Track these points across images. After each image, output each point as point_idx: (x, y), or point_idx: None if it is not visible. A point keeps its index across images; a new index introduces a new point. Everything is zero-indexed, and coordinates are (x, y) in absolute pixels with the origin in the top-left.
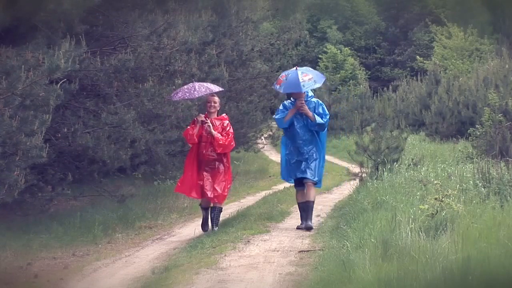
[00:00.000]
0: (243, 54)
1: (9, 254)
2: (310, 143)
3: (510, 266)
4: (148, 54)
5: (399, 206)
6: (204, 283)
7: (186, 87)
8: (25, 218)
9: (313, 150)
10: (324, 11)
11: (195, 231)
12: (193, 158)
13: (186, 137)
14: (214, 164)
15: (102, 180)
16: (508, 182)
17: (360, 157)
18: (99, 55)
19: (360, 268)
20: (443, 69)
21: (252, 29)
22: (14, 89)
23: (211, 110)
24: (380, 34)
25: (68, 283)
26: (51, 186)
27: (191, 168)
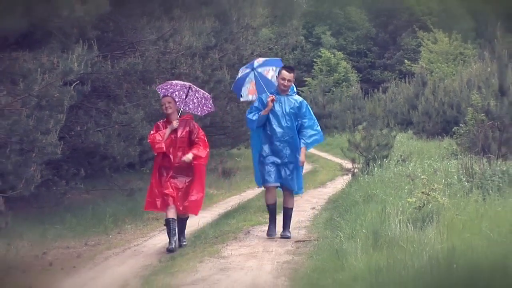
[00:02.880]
0: (244, 58)
1: (25, 243)
2: (289, 144)
3: (492, 255)
4: (155, 58)
5: (389, 199)
6: (207, 271)
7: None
8: (41, 210)
9: (292, 153)
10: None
11: (199, 222)
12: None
13: (153, 145)
14: (185, 172)
15: (112, 175)
16: (490, 177)
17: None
18: (109, 59)
19: (352, 257)
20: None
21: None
22: (31, 90)
23: (169, 111)
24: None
25: (81, 271)
26: (65, 181)
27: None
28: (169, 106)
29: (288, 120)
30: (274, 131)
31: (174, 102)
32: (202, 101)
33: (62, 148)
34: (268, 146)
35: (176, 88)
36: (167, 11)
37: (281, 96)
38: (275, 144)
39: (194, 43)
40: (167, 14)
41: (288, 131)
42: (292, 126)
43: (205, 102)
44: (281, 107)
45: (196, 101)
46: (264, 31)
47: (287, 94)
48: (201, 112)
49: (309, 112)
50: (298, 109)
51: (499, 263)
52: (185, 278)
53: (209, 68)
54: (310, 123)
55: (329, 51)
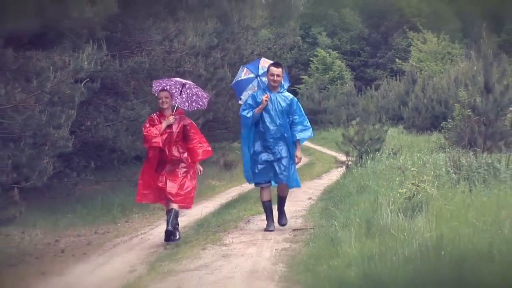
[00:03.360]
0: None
1: (39, 232)
2: (282, 140)
3: (478, 243)
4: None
5: (381, 190)
6: (210, 257)
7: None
8: (53, 200)
9: (284, 149)
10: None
11: (202, 212)
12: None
13: (149, 139)
14: (177, 165)
15: (120, 167)
16: (476, 169)
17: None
18: (118, 57)
19: (346, 244)
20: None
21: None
22: (44, 87)
23: (164, 106)
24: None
25: (91, 257)
26: (76, 173)
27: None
28: (165, 101)
29: (280, 117)
30: (267, 128)
31: (170, 97)
32: (193, 97)
33: (73, 141)
34: (260, 143)
35: (170, 83)
36: (172, 12)
37: (273, 94)
38: (268, 141)
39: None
40: (172, 16)
41: (280, 128)
42: (285, 123)
43: (196, 99)
44: (273, 105)
45: (185, 96)
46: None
47: (279, 92)
48: (188, 107)
49: (299, 108)
50: (289, 106)
51: (484, 250)
52: (189, 264)
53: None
54: (300, 119)
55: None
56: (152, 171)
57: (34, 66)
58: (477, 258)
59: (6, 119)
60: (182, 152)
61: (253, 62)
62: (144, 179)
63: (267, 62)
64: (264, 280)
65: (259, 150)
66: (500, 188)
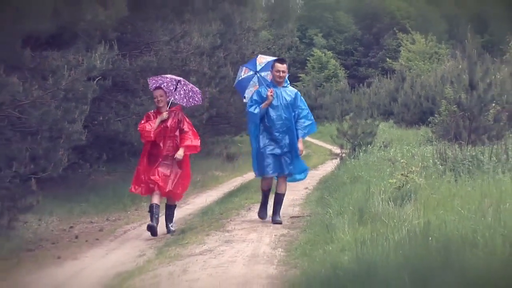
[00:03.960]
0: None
1: (55, 219)
2: (288, 134)
3: (463, 229)
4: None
5: (372, 180)
6: (214, 243)
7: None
8: (68, 190)
9: (290, 143)
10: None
11: (206, 200)
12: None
13: (143, 133)
14: (172, 160)
15: (131, 159)
16: (461, 160)
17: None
18: (128, 57)
19: (340, 231)
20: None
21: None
22: (59, 85)
23: (160, 104)
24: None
25: (103, 242)
26: (89, 164)
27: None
28: (160, 99)
29: (285, 111)
30: (273, 122)
31: (165, 95)
32: (190, 93)
33: (87, 135)
34: (267, 137)
35: (166, 80)
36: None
37: (277, 88)
38: (275, 135)
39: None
40: (178, 18)
41: (286, 122)
42: (290, 117)
43: (193, 95)
44: (278, 99)
45: (183, 93)
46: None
47: (283, 86)
48: (186, 104)
49: (303, 102)
50: (294, 99)
51: (469, 236)
52: (194, 249)
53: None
54: (304, 113)
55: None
56: (144, 164)
57: (50, 65)
58: (461, 243)
59: (24, 114)
60: (177, 147)
61: (251, 61)
62: (138, 173)
63: (264, 58)
64: (263, 264)
65: (266, 144)
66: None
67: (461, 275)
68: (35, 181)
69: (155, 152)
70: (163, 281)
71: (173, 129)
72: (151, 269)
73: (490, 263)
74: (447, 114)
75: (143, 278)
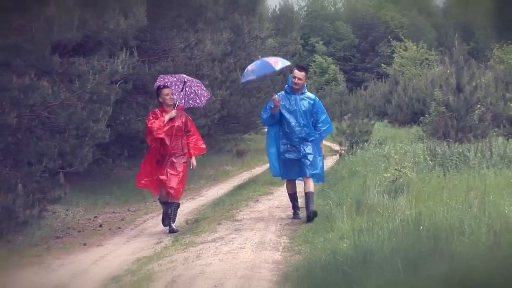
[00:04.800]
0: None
1: (81, 209)
2: (306, 139)
3: (451, 219)
4: (183, 62)
5: (368, 174)
6: (224, 231)
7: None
8: (92, 183)
9: (309, 147)
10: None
11: (217, 193)
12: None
13: (153, 131)
14: (178, 158)
15: None
16: (449, 157)
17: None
18: (147, 63)
19: (339, 220)
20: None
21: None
22: (85, 88)
23: (170, 102)
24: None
25: (124, 231)
26: (112, 160)
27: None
28: (171, 98)
29: (304, 118)
30: (292, 129)
31: (172, 94)
32: (191, 95)
33: (110, 133)
34: (286, 143)
35: (173, 79)
36: (193, 25)
37: (296, 95)
38: (294, 141)
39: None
40: (192, 27)
41: (305, 128)
42: (308, 123)
43: (194, 97)
44: (297, 106)
45: (183, 93)
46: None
47: (302, 93)
48: (184, 104)
49: (321, 107)
50: (313, 106)
51: (456, 225)
52: (207, 237)
53: (226, 70)
54: (323, 118)
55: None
56: (153, 162)
57: (77, 70)
58: (450, 232)
59: (53, 114)
60: (183, 146)
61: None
62: (146, 169)
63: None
64: (270, 250)
65: (286, 149)
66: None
67: (449, 261)
68: (63, 175)
69: (162, 150)
70: (178, 266)
71: (180, 128)
72: (167, 255)
73: (476, 250)
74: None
75: (161, 263)
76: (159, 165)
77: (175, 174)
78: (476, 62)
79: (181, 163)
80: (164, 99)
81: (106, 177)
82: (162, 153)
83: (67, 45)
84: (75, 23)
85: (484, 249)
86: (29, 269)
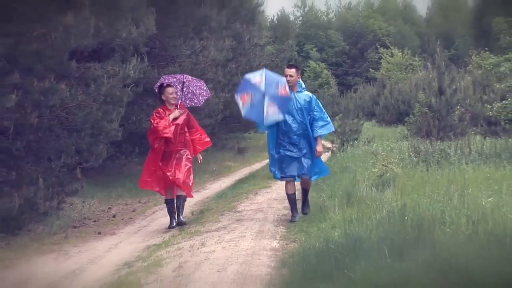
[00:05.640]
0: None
1: (96, 201)
2: (304, 137)
3: (433, 210)
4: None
5: (358, 169)
6: (227, 221)
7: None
8: (107, 177)
9: (308, 145)
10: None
11: (220, 186)
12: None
13: (160, 131)
14: (182, 154)
15: None
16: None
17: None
18: (156, 68)
19: (331, 211)
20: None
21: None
22: (99, 91)
23: (173, 101)
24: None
25: (136, 221)
26: (124, 156)
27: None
28: (176, 96)
29: (301, 115)
30: (290, 127)
31: (176, 93)
32: (188, 95)
33: (122, 132)
34: (285, 141)
35: (173, 80)
36: (198, 33)
37: (293, 93)
38: (293, 138)
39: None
40: (198, 36)
41: (302, 125)
42: (305, 120)
43: (191, 97)
44: (294, 104)
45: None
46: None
47: (298, 91)
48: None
49: (318, 105)
50: (309, 103)
51: (438, 216)
52: (211, 226)
53: (228, 74)
54: (320, 115)
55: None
56: (157, 161)
57: (92, 74)
58: (432, 222)
59: (70, 115)
60: (186, 142)
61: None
62: (149, 168)
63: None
64: (268, 239)
65: (285, 148)
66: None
67: (431, 248)
68: (79, 170)
69: (166, 149)
70: (185, 253)
71: (183, 126)
72: (175, 243)
73: (456, 238)
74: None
75: (169, 250)
76: (165, 162)
77: (181, 169)
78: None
79: (185, 158)
80: (167, 98)
81: (119, 172)
82: (167, 150)
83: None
84: (91, 32)
85: (463, 237)
86: (49, 256)
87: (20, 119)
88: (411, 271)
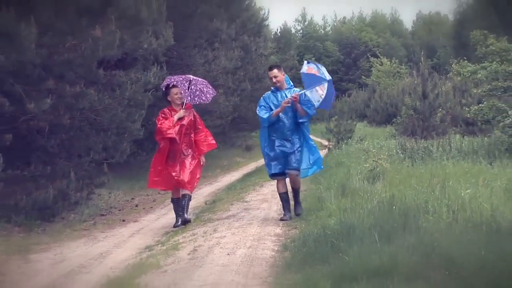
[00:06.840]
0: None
1: (120, 193)
2: (297, 132)
3: (418, 200)
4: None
5: (351, 164)
6: (236, 210)
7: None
8: (130, 171)
9: (300, 139)
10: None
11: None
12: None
13: (163, 131)
14: (187, 155)
15: None
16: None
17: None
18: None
19: (328, 201)
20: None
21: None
22: (124, 95)
23: (178, 101)
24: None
25: (156, 210)
26: (145, 153)
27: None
28: (181, 97)
29: (291, 111)
30: (282, 122)
31: (181, 93)
32: (196, 92)
33: (143, 132)
34: (278, 137)
35: (179, 79)
36: (210, 44)
37: (281, 92)
38: (286, 133)
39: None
40: (210, 47)
41: (294, 119)
42: (294, 114)
43: (199, 94)
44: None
45: (188, 91)
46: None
47: (287, 88)
48: (191, 101)
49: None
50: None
51: (422, 206)
52: (222, 214)
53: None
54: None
55: None
56: (163, 160)
57: (117, 81)
58: (417, 211)
59: (98, 116)
60: (191, 143)
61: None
62: (156, 168)
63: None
64: (272, 226)
65: (277, 143)
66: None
67: (416, 234)
68: (106, 165)
69: (172, 148)
70: (199, 238)
71: (189, 126)
72: (190, 229)
73: (438, 225)
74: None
75: (185, 236)
76: (170, 162)
77: (186, 170)
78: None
79: (191, 158)
80: (172, 98)
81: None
82: (173, 150)
83: (110, 60)
84: (116, 43)
85: (445, 224)
86: (80, 240)
87: (54, 120)
88: (398, 254)
